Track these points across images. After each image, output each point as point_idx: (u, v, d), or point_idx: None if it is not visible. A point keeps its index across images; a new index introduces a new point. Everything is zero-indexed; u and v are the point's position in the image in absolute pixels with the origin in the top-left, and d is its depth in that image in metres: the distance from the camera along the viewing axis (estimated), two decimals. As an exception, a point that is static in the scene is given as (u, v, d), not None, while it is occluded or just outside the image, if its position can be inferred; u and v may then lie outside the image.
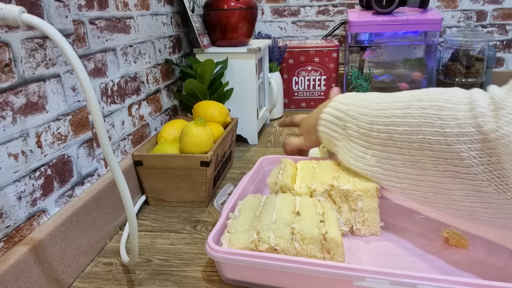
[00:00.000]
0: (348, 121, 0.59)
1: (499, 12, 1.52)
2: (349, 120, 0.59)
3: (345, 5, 1.57)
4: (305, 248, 0.49)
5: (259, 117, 1.12)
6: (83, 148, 0.63)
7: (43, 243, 0.51)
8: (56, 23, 0.57)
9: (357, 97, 0.60)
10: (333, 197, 0.62)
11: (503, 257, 0.55)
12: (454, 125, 0.45)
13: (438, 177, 0.48)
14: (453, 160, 0.46)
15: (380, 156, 0.54)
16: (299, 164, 0.71)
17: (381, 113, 0.54)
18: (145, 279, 0.57)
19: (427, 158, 0.48)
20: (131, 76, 0.79)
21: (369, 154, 0.56)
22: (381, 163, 0.55)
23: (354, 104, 0.59)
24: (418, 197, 0.53)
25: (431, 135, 0.47)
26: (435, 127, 0.47)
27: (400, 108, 0.52)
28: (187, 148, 0.74)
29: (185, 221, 0.72)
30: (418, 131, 0.49)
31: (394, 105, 0.53)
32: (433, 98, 0.49)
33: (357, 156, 0.58)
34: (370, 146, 0.56)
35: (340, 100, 0.62)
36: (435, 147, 0.47)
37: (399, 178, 0.53)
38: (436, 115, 0.47)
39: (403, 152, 0.51)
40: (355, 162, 0.59)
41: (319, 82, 1.40)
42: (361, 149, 0.57)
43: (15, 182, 0.49)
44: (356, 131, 0.57)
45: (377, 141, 0.54)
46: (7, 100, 0.48)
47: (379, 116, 0.54)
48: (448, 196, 0.48)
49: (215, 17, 1.01)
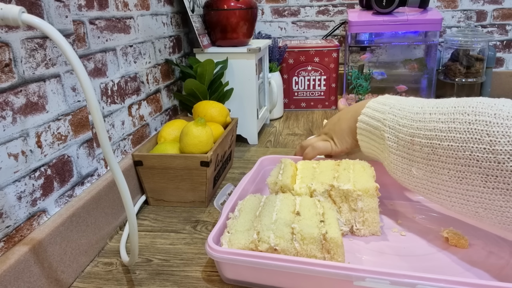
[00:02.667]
0: (386, 131, 0.56)
1: (499, 12, 1.52)
2: (387, 131, 0.56)
3: (345, 5, 1.57)
4: (305, 248, 0.49)
5: (259, 117, 1.12)
6: (83, 148, 0.63)
7: (43, 243, 0.51)
8: (56, 23, 0.57)
9: (393, 105, 0.57)
10: (333, 197, 0.62)
11: (503, 257, 0.55)
12: (505, 142, 0.43)
13: (488, 194, 0.46)
14: (504, 178, 0.44)
15: (426, 169, 0.51)
16: (299, 164, 0.71)
17: (422, 125, 0.51)
18: (145, 279, 0.57)
19: (475, 175, 0.46)
20: (131, 76, 0.79)
21: (414, 167, 0.53)
22: (428, 176, 0.51)
23: (390, 112, 0.56)
24: (468, 212, 0.50)
25: (479, 152, 0.45)
26: (483, 143, 0.45)
27: (443, 121, 0.49)
28: (187, 148, 0.74)
29: (185, 221, 0.72)
30: (464, 147, 0.46)
31: (436, 117, 0.50)
32: (479, 112, 0.46)
33: (403, 169, 0.55)
34: (413, 159, 0.53)
35: (374, 107, 0.59)
36: (484, 164, 0.45)
37: (448, 192, 0.50)
38: (484, 131, 0.45)
39: (449, 167, 0.48)
40: (402, 175, 0.56)
41: (319, 82, 1.40)
42: (404, 161, 0.54)
43: (15, 182, 0.49)
44: (395, 143, 0.55)
45: (420, 154, 0.51)
46: (7, 100, 0.48)
47: (420, 129, 0.51)
48: (501, 213, 0.46)
49: (215, 17, 1.01)
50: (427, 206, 0.69)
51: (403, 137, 0.54)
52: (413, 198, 0.71)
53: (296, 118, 1.34)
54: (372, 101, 0.61)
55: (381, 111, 0.58)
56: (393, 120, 0.55)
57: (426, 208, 0.68)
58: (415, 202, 0.70)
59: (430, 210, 0.68)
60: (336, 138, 0.67)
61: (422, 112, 0.52)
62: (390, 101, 0.58)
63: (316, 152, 0.70)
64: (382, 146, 0.58)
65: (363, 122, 0.60)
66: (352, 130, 0.63)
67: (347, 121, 0.64)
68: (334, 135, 0.68)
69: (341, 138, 0.66)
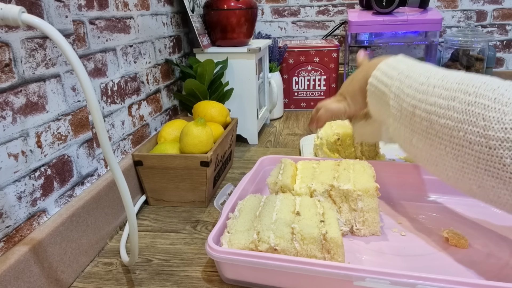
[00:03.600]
0: (391, 98, 0.55)
1: (499, 12, 1.52)
2: (392, 98, 0.55)
3: (345, 5, 1.57)
4: (305, 248, 0.49)
5: (259, 117, 1.12)
6: (83, 148, 0.63)
7: (43, 243, 0.51)
8: (56, 23, 0.57)
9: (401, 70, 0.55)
10: (333, 197, 0.62)
11: (503, 257, 0.55)
12: (498, 128, 0.42)
13: (480, 174, 0.46)
14: (494, 163, 0.43)
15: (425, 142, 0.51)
16: (299, 164, 0.71)
17: (424, 98, 0.50)
18: (145, 279, 0.57)
19: (468, 156, 0.46)
20: (131, 76, 0.79)
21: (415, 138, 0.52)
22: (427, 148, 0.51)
23: (398, 79, 0.54)
24: (463, 187, 0.50)
25: (472, 135, 0.45)
26: (477, 127, 0.44)
27: (444, 97, 0.48)
28: (187, 148, 0.74)
29: (185, 221, 0.72)
30: (459, 128, 0.46)
31: (438, 92, 0.49)
32: (480, 94, 0.45)
33: (405, 138, 0.54)
34: (413, 129, 0.52)
35: (384, 70, 0.57)
36: (476, 148, 0.45)
37: (445, 166, 0.50)
38: (480, 114, 0.44)
39: (445, 143, 0.48)
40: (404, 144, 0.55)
41: (319, 82, 1.40)
42: (406, 130, 0.53)
43: (15, 182, 0.49)
44: (399, 111, 0.54)
45: (419, 126, 0.51)
46: (7, 100, 0.48)
47: (422, 101, 0.50)
48: (493, 192, 0.46)
49: (215, 17, 1.01)
50: (427, 206, 0.69)
51: (405, 107, 0.53)
52: (413, 198, 0.71)
53: (296, 118, 1.34)
54: (383, 63, 0.59)
55: (390, 76, 0.56)
56: (399, 87, 0.54)
57: (426, 208, 0.68)
58: (415, 202, 0.70)
59: (430, 210, 0.68)
60: (349, 98, 0.66)
61: (427, 84, 0.51)
62: (400, 65, 0.56)
63: (329, 113, 0.68)
64: (388, 112, 0.56)
65: (372, 85, 0.59)
66: (363, 91, 0.61)
67: (359, 82, 0.62)
68: (348, 95, 0.66)
69: (353, 98, 0.65)
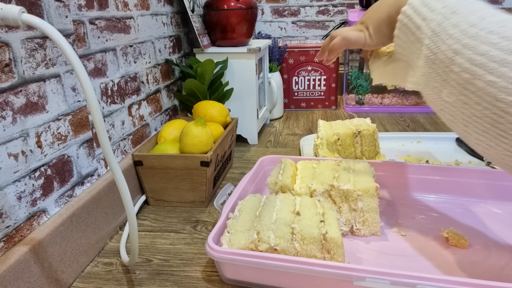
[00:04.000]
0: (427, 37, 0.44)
1: (499, 12, 1.52)
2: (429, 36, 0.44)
3: (345, 5, 1.57)
4: (305, 248, 0.49)
5: (259, 117, 1.12)
6: (83, 148, 0.63)
7: (43, 243, 0.51)
8: (56, 23, 0.57)
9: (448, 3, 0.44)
10: (333, 197, 0.62)
11: (503, 257, 0.55)
12: None
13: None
14: None
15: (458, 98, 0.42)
16: (299, 164, 0.71)
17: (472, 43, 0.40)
18: (145, 279, 0.57)
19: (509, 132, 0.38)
20: (131, 76, 0.79)
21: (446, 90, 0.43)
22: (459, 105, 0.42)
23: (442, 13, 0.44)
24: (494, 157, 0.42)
25: None
26: None
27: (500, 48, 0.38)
28: (187, 148, 0.74)
29: (185, 221, 0.72)
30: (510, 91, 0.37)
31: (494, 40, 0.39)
32: None
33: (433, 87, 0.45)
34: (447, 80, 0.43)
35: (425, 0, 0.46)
36: None
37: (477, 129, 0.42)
38: None
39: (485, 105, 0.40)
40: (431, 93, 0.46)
41: (319, 82, 1.40)
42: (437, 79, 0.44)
43: (15, 182, 0.49)
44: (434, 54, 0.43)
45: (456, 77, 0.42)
46: (7, 100, 0.48)
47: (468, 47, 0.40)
48: None
49: (215, 17, 1.01)
50: (427, 206, 0.69)
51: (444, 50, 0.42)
52: (413, 198, 0.71)
53: (296, 118, 1.34)
54: None
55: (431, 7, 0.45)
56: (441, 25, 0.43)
57: (426, 208, 0.68)
58: (415, 202, 0.70)
59: (430, 210, 0.68)
60: (372, 27, 0.55)
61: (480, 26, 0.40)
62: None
63: (346, 43, 0.57)
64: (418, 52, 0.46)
65: (406, 15, 0.47)
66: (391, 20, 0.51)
67: (388, 8, 0.51)
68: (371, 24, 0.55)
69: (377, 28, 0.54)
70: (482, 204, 0.68)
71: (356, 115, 1.34)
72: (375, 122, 1.22)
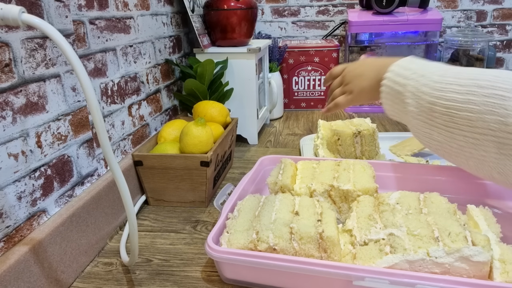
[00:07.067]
0: (407, 97, 0.58)
1: (499, 12, 1.52)
2: (409, 96, 0.58)
3: (345, 5, 1.57)
4: (303, 247, 0.49)
5: (259, 117, 1.12)
6: (83, 148, 0.63)
7: (43, 243, 0.51)
8: (56, 23, 0.57)
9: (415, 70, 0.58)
10: (333, 197, 0.62)
11: (503, 257, 0.55)
12: None
13: (502, 160, 0.49)
14: None
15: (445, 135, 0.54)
16: (299, 164, 0.71)
17: (441, 95, 0.54)
18: (145, 279, 0.57)
19: (490, 143, 0.49)
20: (131, 76, 0.79)
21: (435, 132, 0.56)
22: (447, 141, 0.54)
23: (412, 78, 0.58)
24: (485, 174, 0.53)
25: (495, 123, 0.48)
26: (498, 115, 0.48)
27: (460, 92, 0.51)
28: (187, 148, 0.74)
29: (185, 221, 0.72)
30: (480, 118, 0.49)
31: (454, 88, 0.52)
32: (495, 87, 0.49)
33: (424, 133, 0.58)
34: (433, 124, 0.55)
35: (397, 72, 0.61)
36: (499, 134, 0.48)
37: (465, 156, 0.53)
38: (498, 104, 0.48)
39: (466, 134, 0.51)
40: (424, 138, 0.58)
41: (319, 82, 1.40)
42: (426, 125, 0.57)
43: (15, 182, 0.49)
44: (417, 108, 0.57)
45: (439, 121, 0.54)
46: (7, 100, 0.48)
47: (439, 98, 0.54)
48: None
49: (215, 17, 1.01)
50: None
51: (423, 104, 0.55)
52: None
53: (296, 118, 1.34)
54: (394, 65, 0.62)
55: (404, 76, 0.59)
56: (415, 87, 0.57)
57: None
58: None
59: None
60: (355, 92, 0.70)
61: (441, 80, 0.54)
62: (412, 66, 0.59)
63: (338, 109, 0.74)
64: (405, 110, 0.59)
65: (386, 86, 0.61)
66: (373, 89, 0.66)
67: (370, 80, 0.66)
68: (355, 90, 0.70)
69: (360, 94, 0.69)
70: (483, 204, 0.68)
71: (356, 115, 1.34)
72: (375, 122, 1.22)
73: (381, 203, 0.56)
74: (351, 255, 0.50)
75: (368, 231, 0.51)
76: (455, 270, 0.45)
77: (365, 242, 0.50)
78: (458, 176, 0.69)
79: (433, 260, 0.45)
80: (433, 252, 0.45)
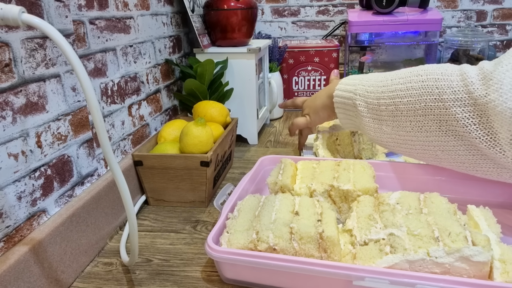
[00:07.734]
0: (357, 99, 0.67)
1: (499, 12, 1.52)
2: (358, 98, 0.67)
3: (345, 5, 1.58)
4: (303, 247, 0.49)
5: (259, 117, 1.12)
6: (83, 148, 0.63)
7: (43, 243, 0.51)
8: (56, 23, 0.57)
9: (361, 78, 0.68)
10: (333, 197, 0.62)
11: (503, 257, 0.55)
12: (450, 92, 0.55)
13: (443, 137, 0.57)
14: (451, 122, 0.55)
15: (393, 125, 0.62)
16: (299, 164, 0.71)
17: (385, 89, 0.63)
18: (145, 279, 0.57)
19: (431, 122, 0.57)
20: (131, 76, 0.79)
21: (383, 125, 0.64)
22: (395, 130, 0.62)
23: (360, 84, 0.67)
24: (430, 156, 0.61)
25: (432, 102, 0.57)
26: (434, 95, 0.56)
27: (402, 83, 0.61)
28: (187, 148, 0.74)
29: (185, 221, 0.72)
30: (420, 100, 0.58)
31: (397, 81, 0.62)
32: (430, 72, 0.58)
33: (375, 129, 0.66)
34: (381, 118, 0.64)
35: (345, 82, 0.71)
36: (436, 111, 0.56)
37: (412, 141, 0.61)
38: (434, 85, 0.57)
39: (410, 119, 0.60)
40: (375, 134, 0.66)
41: (319, 82, 1.40)
42: (375, 121, 0.65)
43: (15, 182, 0.49)
44: (365, 107, 0.66)
45: (386, 113, 0.62)
46: (7, 100, 0.48)
47: (384, 92, 0.63)
48: (454, 152, 0.57)
49: (215, 17, 1.01)
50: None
51: (371, 101, 0.65)
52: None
53: (296, 118, 1.34)
54: (340, 82, 0.72)
55: (352, 84, 0.69)
56: (362, 89, 0.66)
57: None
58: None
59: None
60: (311, 113, 0.83)
61: (385, 79, 0.64)
62: (356, 77, 0.70)
63: (295, 126, 0.88)
64: (356, 113, 0.68)
65: (338, 96, 0.72)
66: (325, 106, 0.78)
67: (322, 99, 0.79)
68: (310, 111, 0.83)
69: (315, 113, 0.82)
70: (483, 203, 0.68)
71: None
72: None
73: (381, 203, 0.56)
74: (351, 255, 0.50)
75: (368, 231, 0.51)
76: (455, 270, 0.45)
77: (365, 242, 0.50)
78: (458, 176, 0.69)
79: (433, 260, 0.45)
80: (433, 252, 0.45)
